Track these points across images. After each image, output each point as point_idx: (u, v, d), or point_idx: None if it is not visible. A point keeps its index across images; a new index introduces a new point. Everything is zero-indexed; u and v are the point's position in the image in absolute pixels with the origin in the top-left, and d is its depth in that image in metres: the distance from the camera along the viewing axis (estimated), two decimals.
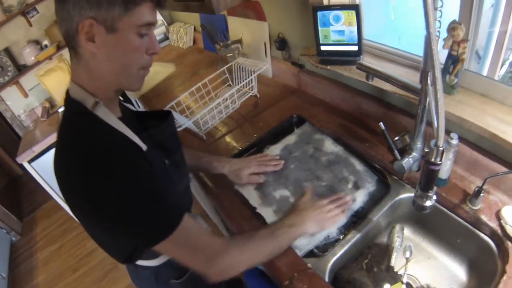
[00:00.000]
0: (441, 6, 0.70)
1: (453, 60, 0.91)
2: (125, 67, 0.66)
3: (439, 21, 0.72)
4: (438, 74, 0.59)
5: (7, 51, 2.58)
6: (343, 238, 0.90)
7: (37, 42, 2.65)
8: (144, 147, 0.69)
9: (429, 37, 0.56)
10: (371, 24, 1.45)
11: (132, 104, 0.89)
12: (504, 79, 1.71)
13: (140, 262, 0.85)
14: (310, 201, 0.94)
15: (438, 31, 0.75)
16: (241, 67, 1.55)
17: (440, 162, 0.63)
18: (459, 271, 0.91)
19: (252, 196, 1.05)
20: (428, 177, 0.68)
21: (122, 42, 0.63)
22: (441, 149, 0.62)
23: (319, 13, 1.16)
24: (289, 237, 0.83)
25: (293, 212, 0.92)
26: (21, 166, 2.29)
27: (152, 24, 0.66)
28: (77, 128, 0.65)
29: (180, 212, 0.69)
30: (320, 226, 0.89)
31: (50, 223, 2.94)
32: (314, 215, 0.89)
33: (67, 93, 0.70)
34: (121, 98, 0.83)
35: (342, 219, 0.92)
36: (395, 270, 0.91)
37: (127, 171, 0.62)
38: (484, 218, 0.82)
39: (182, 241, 0.68)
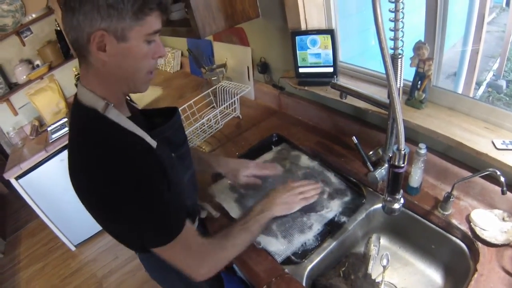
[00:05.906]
0: (402, 27, 0.76)
1: (420, 77, 0.97)
2: (134, 72, 0.70)
3: (401, 40, 0.79)
4: (393, 85, 0.64)
5: (0, 68, 2.61)
6: (319, 245, 0.92)
7: (29, 62, 2.68)
8: (154, 144, 0.73)
9: (383, 52, 0.61)
10: (352, 48, 1.50)
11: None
12: (482, 99, 1.79)
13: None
14: (281, 185, 1.01)
15: (402, 50, 0.82)
16: (225, 89, 1.61)
17: (403, 165, 0.67)
18: (435, 276, 0.94)
19: (232, 208, 1.08)
20: (394, 180, 0.72)
21: (132, 50, 0.66)
22: (403, 152, 0.66)
23: (297, 38, 1.24)
24: (259, 224, 0.90)
25: (266, 196, 0.98)
26: (7, 184, 2.26)
27: (159, 31, 0.69)
28: (91, 132, 0.69)
29: (183, 219, 0.74)
30: (288, 208, 0.95)
31: (34, 242, 2.87)
32: (284, 197, 0.95)
33: (76, 98, 0.72)
34: (128, 98, 0.87)
35: (312, 200, 0.99)
36: (373, 277, 0.94)
37: (137, 174, 0.66)
38: (455, 222, 0.86)
39: (180, 246, 0.73)
